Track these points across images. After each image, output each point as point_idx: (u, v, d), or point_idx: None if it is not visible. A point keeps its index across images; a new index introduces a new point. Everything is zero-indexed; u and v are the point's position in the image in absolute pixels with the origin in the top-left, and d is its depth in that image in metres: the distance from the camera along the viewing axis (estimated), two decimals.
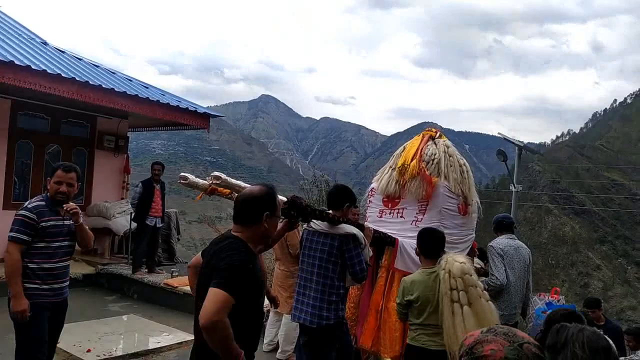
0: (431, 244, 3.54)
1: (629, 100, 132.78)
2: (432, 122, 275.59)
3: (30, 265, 3.22)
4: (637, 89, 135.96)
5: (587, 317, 4.56)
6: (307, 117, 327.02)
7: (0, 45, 6.80)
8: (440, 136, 4.87)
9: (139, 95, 7.74)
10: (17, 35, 7.95)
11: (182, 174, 3.01)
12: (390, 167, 4.74)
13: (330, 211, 3.67)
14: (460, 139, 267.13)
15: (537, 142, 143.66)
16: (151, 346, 5.31)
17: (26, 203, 3.31)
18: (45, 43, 8.30)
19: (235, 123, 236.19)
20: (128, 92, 7.58)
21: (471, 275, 3.28)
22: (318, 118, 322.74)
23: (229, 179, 3.01)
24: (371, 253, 3.90)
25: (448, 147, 4.70)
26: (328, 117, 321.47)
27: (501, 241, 4.70)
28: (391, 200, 4.58)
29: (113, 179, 9.49)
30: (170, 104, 8.26)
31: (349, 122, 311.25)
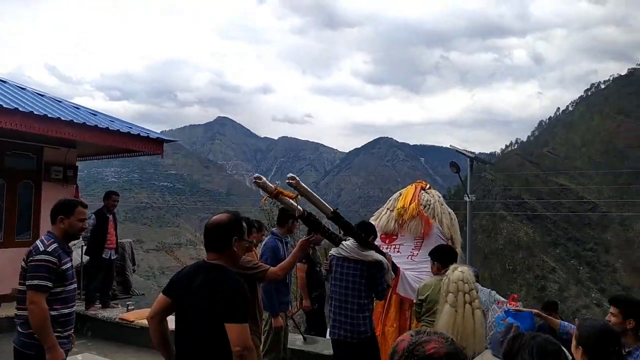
0: (446, 255, 4.25)
1: (570, 108, 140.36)
2: (388, 137, 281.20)
3: (52, 313, 3.02)
4: (577, 97, 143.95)
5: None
6: (265, 137, 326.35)
7: None
8: (429, 188, 5.77)
9: (87, 124, 7.50)
10: None
11: (257, 174, 3.48)
12: (388, 208, 5.45)
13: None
14: (416, 152, 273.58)
15: (488, 152, 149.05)
16: None
17: (39, 246, 3.06)
18: None
19: (192, 146, 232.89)
20: (75, 121, 7.33)
21: (465, 283, 3.74)
22: (276, 138, 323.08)
23: (301, 182, 3.52)
24: (394, 276, 4.48)
25: (440, 197, 5.60)
26: (286, 137, 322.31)
27: None
28: (389, 237, 5.24)
29: None
30: (121, 130, 8.04)
31: (307, 141, 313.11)
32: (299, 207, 3.65)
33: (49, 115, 6.99)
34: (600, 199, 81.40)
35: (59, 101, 8.29)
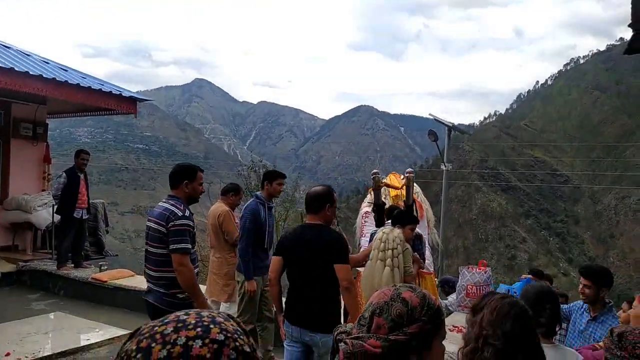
0: (396, 217, 4.55)
1: (549, 82, 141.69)
2: (368, 106, 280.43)
3: None
4: (557, 71, 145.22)
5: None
6: (244, 102, 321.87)
7: None
8: (404, 178, 6.56)
9: (57, 79, 7.17)
10: None
11: (376, 170, 4.81)
12: (369, 202, 6.04)
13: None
14: (396, 121, 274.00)
15: (467, 123, 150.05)
16: (81, 343, 5.03)
17: (176, 211, 3.18)
18: None
19: (168, 108, 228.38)
20: (44, 76, 7.01)
21: (382, 242, 4.02)
22: (255, 102, 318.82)
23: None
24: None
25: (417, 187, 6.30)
26: (265, 102, 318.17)
27: None
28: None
29: (32, 169, 8.83)
30: (92, 87, 7.73)
31: (287, 106, 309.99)
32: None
33: (16, 69, 6.65)
34: (572, 172, 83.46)
35: (27, 55, 7.90)
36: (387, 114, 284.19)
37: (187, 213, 3.22)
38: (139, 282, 6.61)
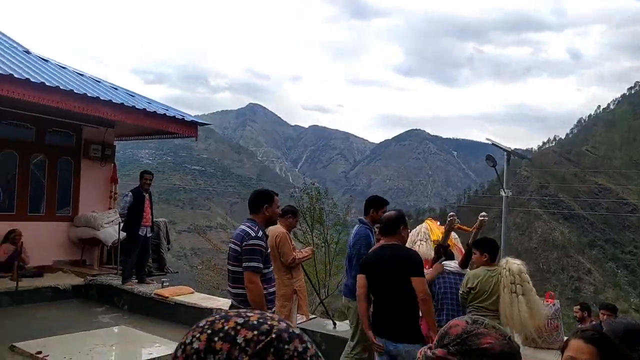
0: (495, 248, 4.66)
1: (612, 107, 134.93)
2: (419, 130, 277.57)
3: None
4: (619, 96, 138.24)
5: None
6: (295, 125, 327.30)
7: None
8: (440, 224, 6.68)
9: (125, 104, 7.59)
10: None
11: (453, 213, 4.86)
12: (421, 240, 6.14)
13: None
14: (449, 145, 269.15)
15: (524, 148, 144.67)
16: (144, 357, 5.20)
17: (250, 232, 3.39)
18: (27, 52, 8.15)
19: (223, 132, 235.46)
20: (114, 101, 7.43)
21: (525, 273, 4.28)
22: (306, 126, 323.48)
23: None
24: None
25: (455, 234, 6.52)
26: (316, 125, 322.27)
27: None
28: (427, 262, 5.83)
29: (100, 188, 9.33)
30: (157, 112, 8.12)
31: (337, 130, 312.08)
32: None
33: (89, 94, 7.08)
34: None
35: (98, 81, 8.41)
36: (439, 137, 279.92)
37: (259, 234, 3.40)
38: (199, 299, 6.76)
